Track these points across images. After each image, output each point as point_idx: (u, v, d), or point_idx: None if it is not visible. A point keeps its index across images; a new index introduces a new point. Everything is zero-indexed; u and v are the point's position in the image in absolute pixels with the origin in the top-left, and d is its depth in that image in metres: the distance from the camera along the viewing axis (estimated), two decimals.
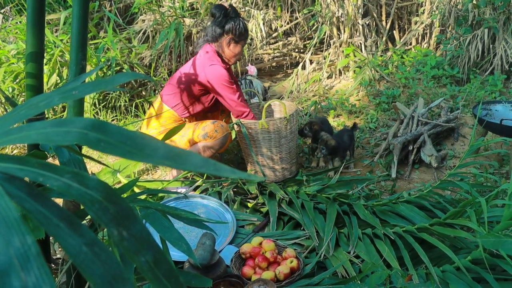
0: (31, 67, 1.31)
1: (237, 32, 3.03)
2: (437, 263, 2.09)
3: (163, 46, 4.67)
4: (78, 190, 0.55)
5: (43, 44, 1.33)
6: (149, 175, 3.45)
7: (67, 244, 0.51)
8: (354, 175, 3.26)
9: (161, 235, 1.11)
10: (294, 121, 3.15)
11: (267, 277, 2.06)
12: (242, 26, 3.03)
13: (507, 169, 3.11)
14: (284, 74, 5.74)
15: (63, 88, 0.74)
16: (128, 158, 0.55)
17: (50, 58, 4.06)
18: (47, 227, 0.51)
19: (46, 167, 0.58)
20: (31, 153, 1.11)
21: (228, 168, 0.54)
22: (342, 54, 5.26)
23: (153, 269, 0.54)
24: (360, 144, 3.72)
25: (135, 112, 4.42)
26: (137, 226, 0.55)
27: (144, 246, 0.55)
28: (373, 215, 2.54)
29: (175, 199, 2.77)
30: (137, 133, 0.58)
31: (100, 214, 0.54)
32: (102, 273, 0.50)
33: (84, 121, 0.59)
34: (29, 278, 0.44)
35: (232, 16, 3.04)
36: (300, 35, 5.83)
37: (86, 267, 0.50)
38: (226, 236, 2.48)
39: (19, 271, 0.44)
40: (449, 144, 3.60)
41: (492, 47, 4.73)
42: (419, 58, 5.10)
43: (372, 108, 4.35)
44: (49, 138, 0.58)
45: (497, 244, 1.41)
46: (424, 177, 3.21)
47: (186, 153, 0.55)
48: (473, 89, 4.40)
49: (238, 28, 3.02)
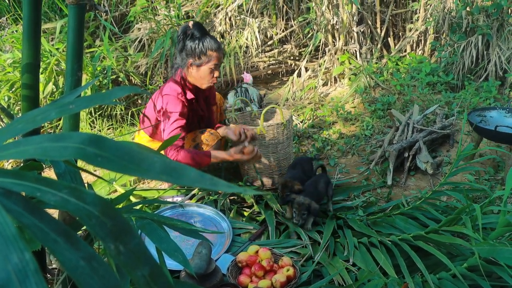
0: (27, 78, 1.31)
1: (195, 54, 2.76)
2: (433, 270, 2.10)
3: (159, 55, 4.68)
4: (76, 205, 0.55)
5: (39, 54, 1.33)
6: (145, 183, 3.44)
7: (65, 259, 0.51)
8: (350, 182, 3.27)
9: (157, 246, 1.11)
10: (290, 127, 3.16)
11: (263, 285, 2.06)
12: (201, 46, 2.75)
13: (502, 175, 3.12)
14: (279, 81, 5.75)
15: (60, 102, 0.75)
16: (125, 173, 0.56)
17: (46, 67, 4.06)
18: (45, 242, 0.52)
19: (43, 181, 0.58)
20: (27, 164, 1.11)
21: (224, 183, 0.54)
22: (337, 61, 5.28)
23: (150, 283, 0.55)
24: (356, 151, 3.72)
25: (131, 120, 4.42)
26: (134, 240, 0.55)
27: (141, 260, 0.55)
28: (368, 227, 2.56)
29: (171, 208, 2.76)
30: (134, 148, 0.58)
31: (97, 229, 0.54)
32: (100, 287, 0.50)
33: (81, 136, 0.59)
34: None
35: (196, 36, 2.77)
36: (295, 43, 5.86)
37: (83, 282, 0.50)
38: (222, 245, 2.48)
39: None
40: (445, 151, 3.62)
41: (486, 53, 4.76)
42: (414, 65, 5.13)
43: (368, 115, 4.37)
44: (46, 153, 0.59)
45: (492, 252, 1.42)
46: (420, 184, 3.22)
47: (182, 167, 0.56)
48: (468, 95, 4.43)
49: (195, 49, 2.75)
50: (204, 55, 2.76)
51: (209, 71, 2.81)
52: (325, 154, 3.74)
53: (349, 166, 3.53)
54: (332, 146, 3.85)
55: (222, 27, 5.26)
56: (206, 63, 2.78)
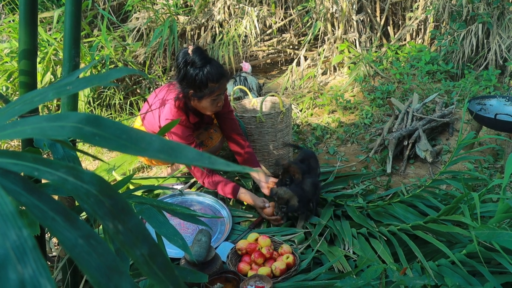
0: (24, 65, 1.30)
1: (195, 86, 2.50)
2: (432, 257, 2.10)
3: (157, 44, 4.66)
4: (74, 184, 0.55)
5: (36, 41, 1.32)
6: (144, 172, 3.44)
7: (63, 237, 0.51)
8: (349, 170, 3.27)
9: (156, 231, 1.11)
10: (289, 115, 3.16)
11: (263, 273, 2.06)
12: (203, 77, 2.47)
13: (502, 163, 3.12)
14: (278, 70, 5.74)
15: (57, 84, 0.74)
16: (123, 152, 0.55)
17: (44, 56, 4.05)
18: (43, 220, 0.51)
19: (41, 161, 0.58)
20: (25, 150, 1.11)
21: (222, 161, 0.54)
22: (337, 50, 5.26)
23: (149, 262, 0.55)
24: (355, 139, 3.72)
25: (130, 110, 4.42)
26: (133, 219, 0.55)
27: (139, 239, 0.55)
28: (367, 217, 2.56)
29: (171, 196, 2.77)
30: (131, 128, 0.58)
31: (95, 208, 0.54)
32: (99, 265, 0.50)
33: (79, 116, 0.59)
34: (25, 270, 0.44)
35: (197, 65, 2.47)
36: (294, 32, 5.84)
37: (82, 260, 0.50)
38: (222, 233, 2.48)
39: (16, 264, 0.44)
40: (444, 139, 3.62)
41: (486, 42, 4.74)
42: (413, 53, 5.11)
43: (367, 104, 4.36)
44: (44, 132, 0.58)
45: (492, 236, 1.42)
46: (419, 172, 3.22)
47: (181, 146, 0.55)
48: (468, 84, 4.42)
49: (196, 81, 2.48)
50: (206, 87, 2.50)
51: (211, 102, 2.58)
52: (325, 142, 3.73)
53: (348, 154, 3.53)
54: (332, 134, 3.85)
55: (221, 16, 5.24)
56: (208, 95, 2.54)
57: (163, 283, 0.56)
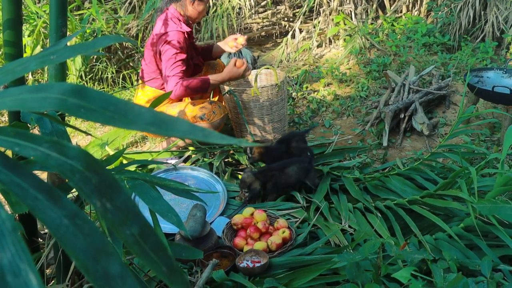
0: (9, 35, 1.25)
1: None
2: (428, 231, 2.09)
3: (150, 16, 4.57)
4: (58, 160, 0.51)
5: (21, 10, 1.26)
6: (138, 147, 3.40)
7: (47, 217, 0.47)
8: (345, 144, 3.24)
9: (150, 207, 1.08)
10: (285, 88, 3.11)
11: (259, 247, 2.05)
12: None
13: (499, 136, 3.10)
14: (273, 43, 5.66)
15: (41, 53, 0.70)
16: (111, 125, 0.51)
17: (33, 29, 3.96)
18: (24, 199, 0.47)
19: (22, 136, 0.54)
20: (11, 124, 1.06)
21: (217, 134, 0.50)
22: (332, 22, 5.18)
23: (140, 242, 0.51)
24: (351, 112, 3.68)
25: (123, 83, 4.35)
26: (122, 197, 0.51)
27: (129, 218, 0.51)
28: (364, 190, 2.54)
29: (165, 171, 2.73)
30: (120, 99, 0.54)
31: (81, 185, 0.50)
32: (85, 247, 0.46)
33: (63, 86, 0.55)
34: (4, 254, 0.41)
35: None
36: (289, 4, 5.73)
37: (67, 241, 0.46)
38: (217, 208, 2.46)
39: None
40: (441, 112, 3.59)
41: (484, 13, 4.68)
42: (409, 25, 5.04)
43: (363, 77, 4.31)
44: (25, 104, 0.54)
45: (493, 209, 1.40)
46: (416, 145, 3.19)
47: (173, 119, 0.52)
48: (464, 56, 4.37)
49: None
50: None
51: (205, 6, 3.01)
52: (320, 115, 3.70)
53: (344, 127, 3.50)
54: (327, 107, 3.81)
55: None
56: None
57: (155, 264, 0.53)
